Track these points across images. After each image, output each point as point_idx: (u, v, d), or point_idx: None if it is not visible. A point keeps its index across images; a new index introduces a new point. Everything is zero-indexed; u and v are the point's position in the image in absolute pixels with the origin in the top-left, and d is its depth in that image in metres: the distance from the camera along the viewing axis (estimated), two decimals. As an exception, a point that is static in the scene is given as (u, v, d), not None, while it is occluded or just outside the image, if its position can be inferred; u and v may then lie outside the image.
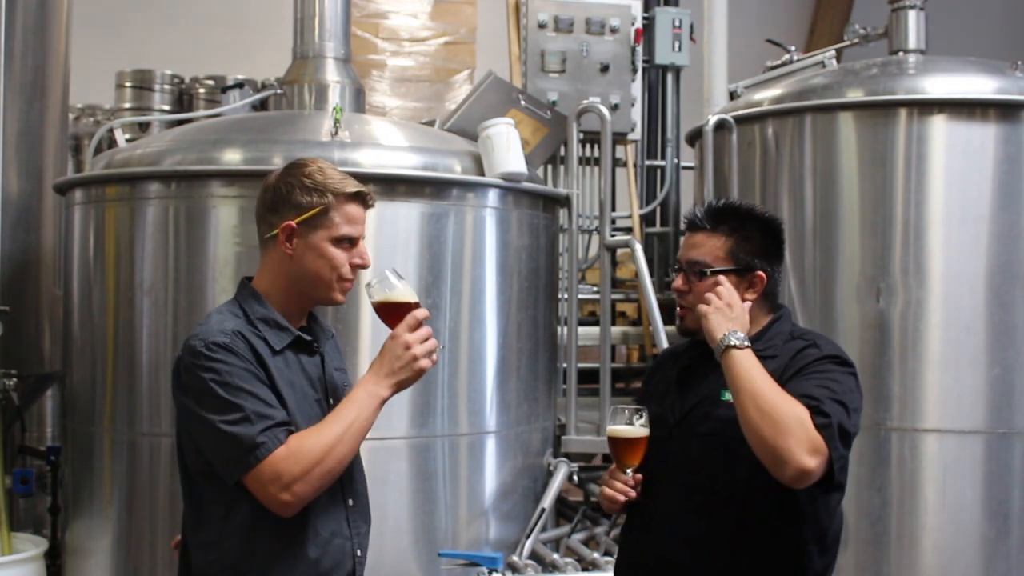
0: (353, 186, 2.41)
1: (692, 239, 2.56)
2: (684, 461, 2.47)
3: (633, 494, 2.51)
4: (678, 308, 2.57)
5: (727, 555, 2.41)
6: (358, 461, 2.49)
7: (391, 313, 2.35)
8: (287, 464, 2.20)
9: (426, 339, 2.32)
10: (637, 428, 2.48)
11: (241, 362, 2.26)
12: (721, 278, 2.48)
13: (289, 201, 2.37)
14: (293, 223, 2.36)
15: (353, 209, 2.40)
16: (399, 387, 2.32)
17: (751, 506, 2.39)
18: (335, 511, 2.38)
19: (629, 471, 2.49)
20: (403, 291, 2.36)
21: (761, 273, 2.51)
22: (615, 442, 2.50)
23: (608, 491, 2.53)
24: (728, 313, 2.39)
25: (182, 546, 2.42)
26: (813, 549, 2.43)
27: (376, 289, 2.36)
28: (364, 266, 2.42)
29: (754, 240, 2.53)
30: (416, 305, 2.36)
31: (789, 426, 2.22)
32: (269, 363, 2.30)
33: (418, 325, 2.32)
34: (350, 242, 2.39)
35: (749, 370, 2.30)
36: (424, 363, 2.31)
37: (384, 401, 2.31)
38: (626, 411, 2.49)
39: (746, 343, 2.34)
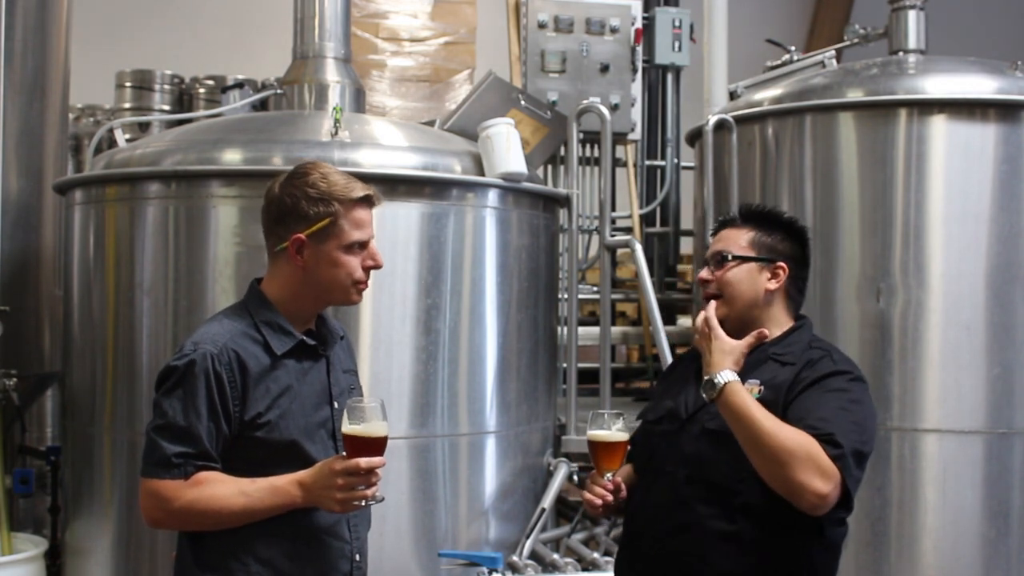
0: (360, 190, 2.37)
1: (719, 235, 2.66)
2: (690, 454, 2.48)
3: (611, 498, 2.53)
4: (703, 300, 2.63)
5: (724, 548, 2.42)
6: None
7: (354, 445, 2.21)
8: (176, 494, 2.24)
9: (354, 488, 2.21)
10: (615, 433, 2.49)
11: (208, 389, 2.25)
12: (710, 306, 2.52)
13: (296, 212, 2.33)
14: (303, 236, 2.32)
15: (361, 213, 2.37)
16: (315, 504, 2.28)
17: (751, 502, 2.39)
18: (335, 513, 2.36)
19: (608, 475, 2.51)
20: (373, 428, 2.21)
21: (783, 264, 2.57)
22: (594, 446, 2.52)
23: (587, 495, 2.55)
24: (724, 347, 2.44)
25: (178, 543, 2.42)
26: (813, 546, 2.44)
27: (348, 420, 2.21)
28: (377, 267, 2.41)
29: (775, 235, 2.60)
30: (381, 442, 2.21)
31: (799, 459, 2.26)
32: (255, 374, 2.30)
33: (360, 474, 2.20)
34: (361, 246, 2.37)
35: (748, 408, 2.33)
36: (336, 507, 2.24)
37: (296, 506, 2.28)
38: (605, 416, 2.50)
39: (737, 380, 2.38)
